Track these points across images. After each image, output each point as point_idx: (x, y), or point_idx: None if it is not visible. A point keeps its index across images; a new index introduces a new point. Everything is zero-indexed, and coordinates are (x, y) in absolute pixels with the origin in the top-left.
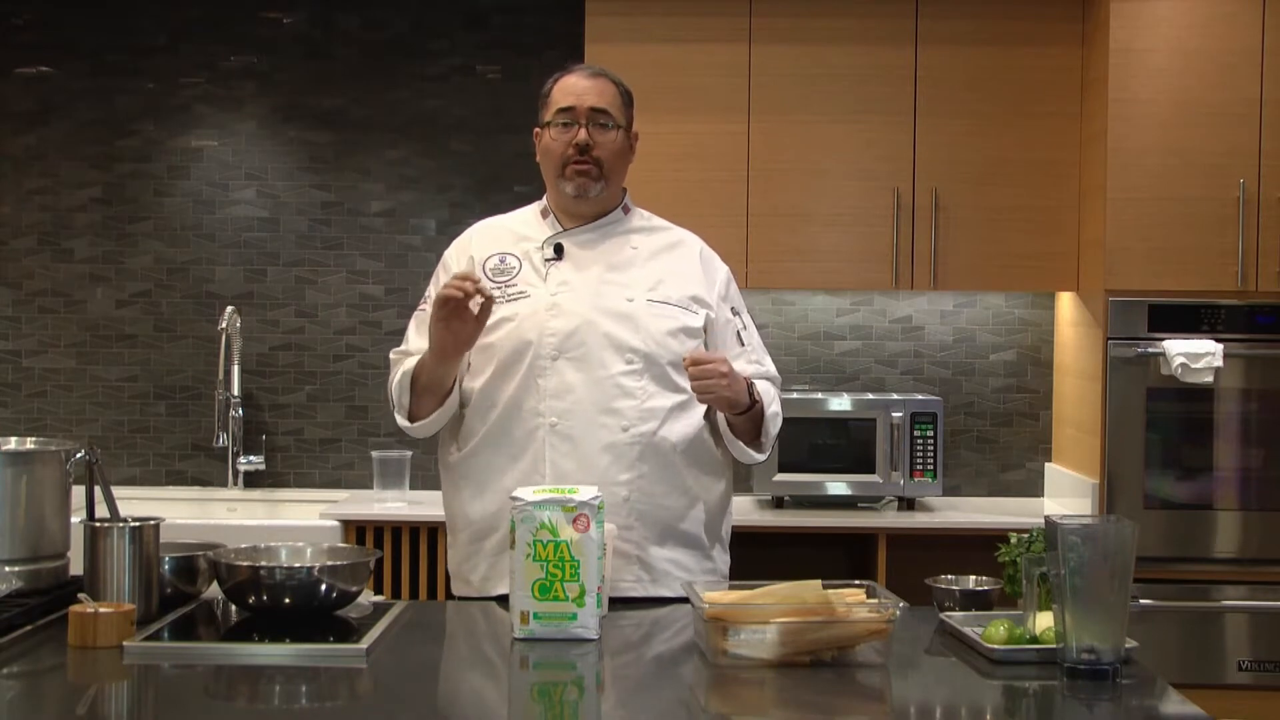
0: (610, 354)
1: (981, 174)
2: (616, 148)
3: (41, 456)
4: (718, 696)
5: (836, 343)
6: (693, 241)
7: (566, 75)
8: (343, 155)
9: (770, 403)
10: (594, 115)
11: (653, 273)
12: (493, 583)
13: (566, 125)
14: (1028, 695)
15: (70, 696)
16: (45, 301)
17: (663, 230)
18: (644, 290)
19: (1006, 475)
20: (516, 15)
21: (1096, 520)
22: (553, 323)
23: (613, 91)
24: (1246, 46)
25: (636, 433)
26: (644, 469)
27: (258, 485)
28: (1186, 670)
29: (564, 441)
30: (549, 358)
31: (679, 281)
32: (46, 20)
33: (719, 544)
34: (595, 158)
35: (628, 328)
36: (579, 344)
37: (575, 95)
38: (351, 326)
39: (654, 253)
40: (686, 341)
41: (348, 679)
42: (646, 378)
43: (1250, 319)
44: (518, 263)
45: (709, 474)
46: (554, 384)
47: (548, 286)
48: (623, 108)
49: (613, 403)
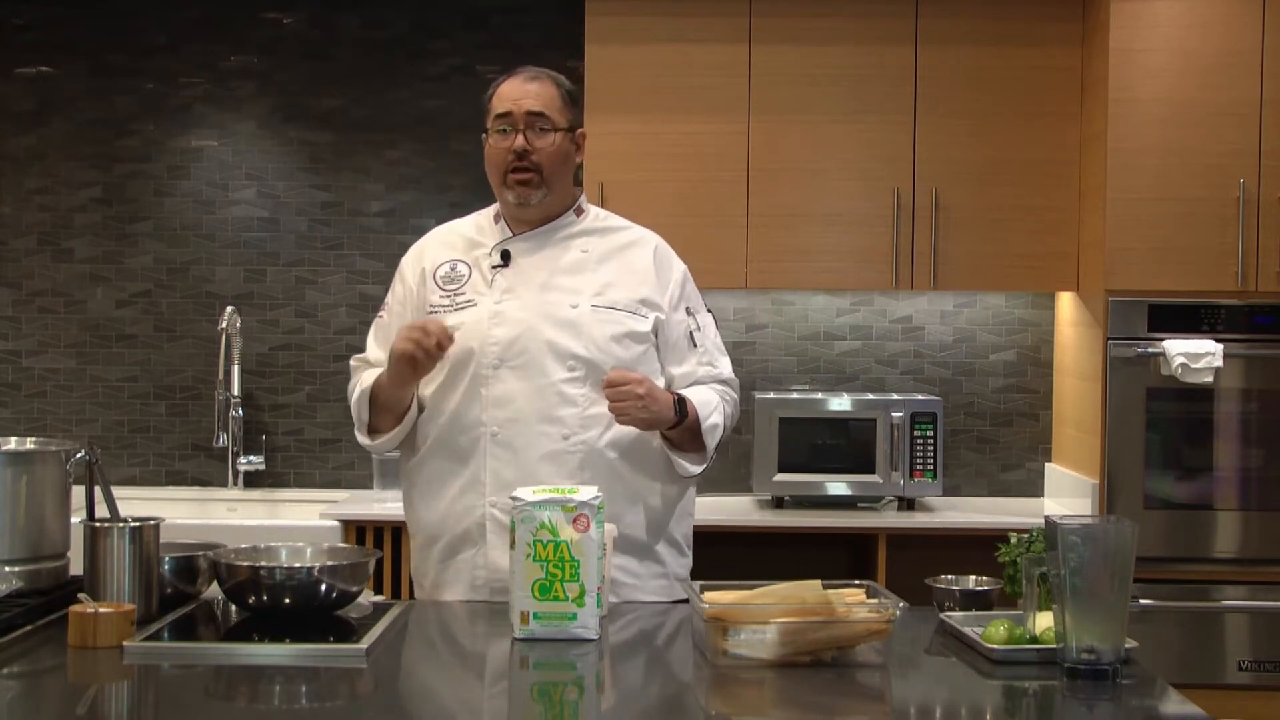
0: (552, 361)
1: (981, 174)
2: (556, 151)
3: (41, 456)
4: (718, 696)
5: (836, 343)
6: (648, 240)
7: (506, 79)
8: (343, 155)
9: (709, 414)
10: (531, 120)
11: (601, 276)
12: (441, 589)
13: (504, 132)
14: (1028, 695)
15: (70, 696)
16: (45, 301)
17: (617, 230)
18: (589, 295)
19: (1006, 475)
20: (516, 15)
21: (1096, 520)
22: (495, 331)
23: (552, 93)
24: (1246, 46)
25: (577, 440)
26: (585, 477)
27: (258, 485)
28: (1186, 670)
29: (505, 450)
30: (491, 366)
31: (628, 284)
32: (46, 20)
33: (670, 546)
34: (534, 163)
35: (570, 334)
36: (520, 352)
37: (512, 100)
38: (351, 326)
39: (605, 255)
40: (632, 346)
41: (348, 679)
42: (588, 385)
43: (1250, 319)
44: (467, 270)
45: (654, 478)
46: (496, 393)
47: (492, 294)
48: (563, 109)
49: (554, 410)
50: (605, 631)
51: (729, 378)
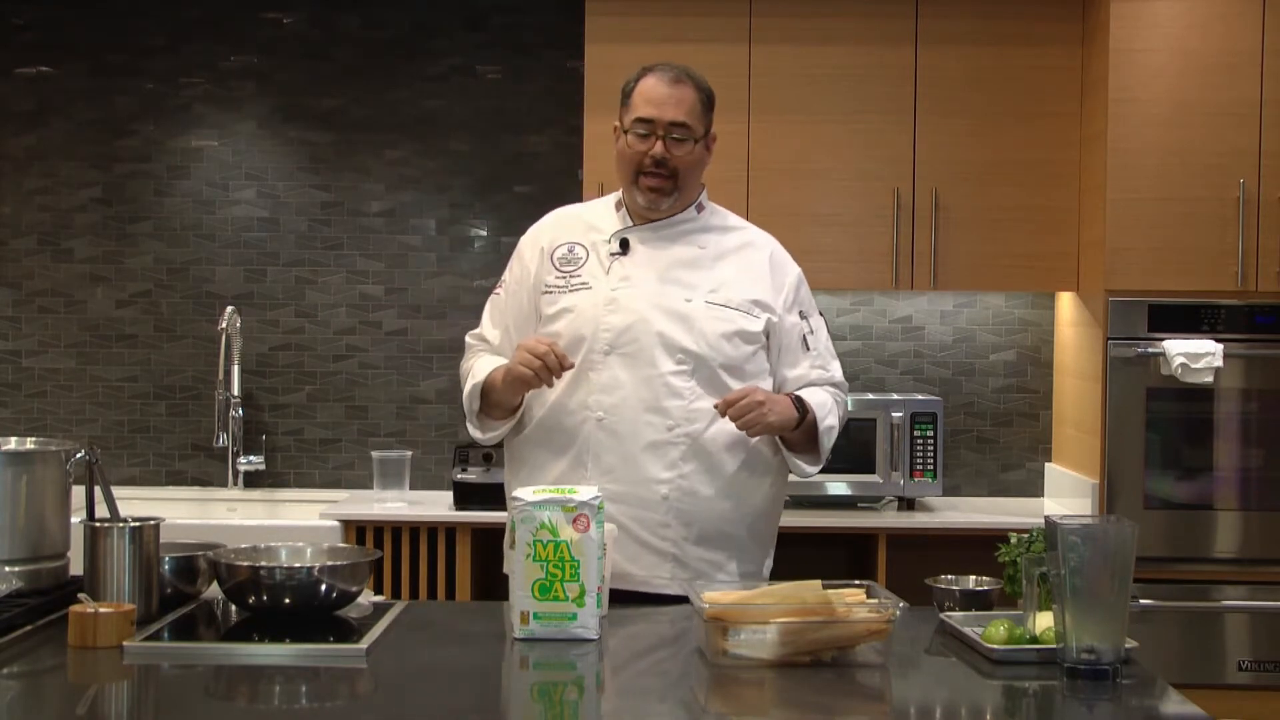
0: (661, 353)
1: (981, 174)
2: (693, 160)
3: (41, 456)
4: (718, 696)
5: (836, 343)
6: (764, 243)
7: (648, 77)
8: (343, 155)
9: (825, 415)
10: (672, 128)
11: (717, 274)
12: None
13: (643, 135)
14: (1028, 695)
15: (70, 696)
16: (45, 301)
17: (735, 230)
18: (704, 291)
19: (1006, 475)
20: (516, 15)
21: (1096, 520)
22: (609, 318)
23: (693, 99)
24: (1246, 47)
25: (681, 433)
26: (686, 469)
27: (258, 485)
28: (1186, 670)
29: (609, 436)
30: (601, 352)
31: (743, 284)
32: (46, 20)
33: (761, 545)
34: (671, 169)
35: (682, 328)
36: (632, 341)
37: (655, 106)
38: (351, 326)
39: (721, 254)
40: (742, 346)
41: (348, 679)
42: (696, 379)
43: (1250, 319)
44: (585, 253)
45: (757, 475)
46: (604, 379)
47: (609, 281)
48: (702, 115)
49: (660, 401)
50: (605, 631)
51: (840, 381)
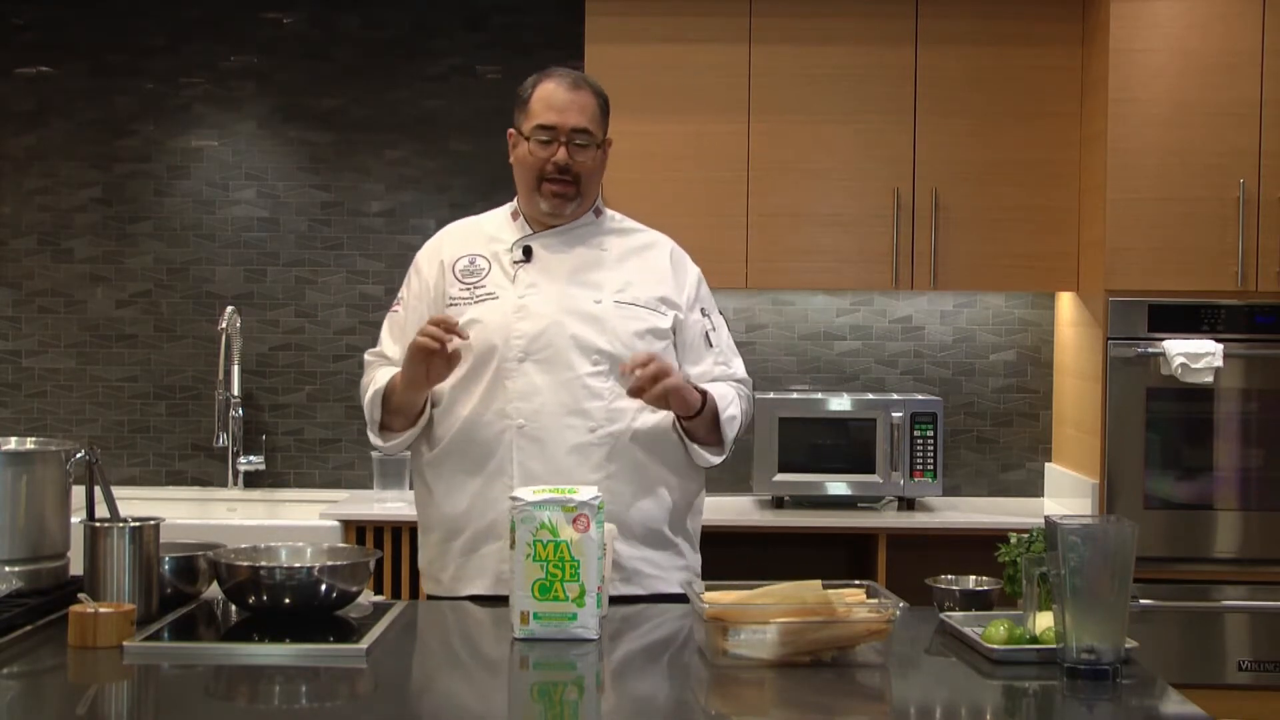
0: (577, 355)
1: (981, 174)
2: (595, 165)
3: (41, 456)
4: (718, 696)
5: (836, 343)
6: (664, 243)
7: (546, 82)
8: (343, 155)
9: (727, 406)
10: (574, 134)
11: (622, 274)
12: (462, 583)
13: (545, 142)
14: (1028, 695)
15: (70, 696)
16: (45, 301)
17: (634, 232)
18: (612, 292)
19: (1006, 475)
20: (516, 15)
21: (1096, 520)
22: (520, 325)
23: (593, 106)
24: (1246, 47)
25: (604, 433)
26: (612, 469)
27: (258, 485)
28: (1186, 670)
29: (532, 443)
30: (516, 360)
31: (648, 282)
32: (46, 20)
33: (688, 541)
34: (575, 174)
35: (594, 329)
36: (546, 345)
37: (557, 112)
38: (351, 326)
39: (624, 254)
40: (654, 343)
41: (348, 679)
42: (613, 378)
43: (1250, 319)
44: (487, 264)
45: (677, 472)
46: (521, 386)
47: (516, 289)
48: (601, 121)
49: (580, 404)
50: (605, 631)
51: (744, 377)
